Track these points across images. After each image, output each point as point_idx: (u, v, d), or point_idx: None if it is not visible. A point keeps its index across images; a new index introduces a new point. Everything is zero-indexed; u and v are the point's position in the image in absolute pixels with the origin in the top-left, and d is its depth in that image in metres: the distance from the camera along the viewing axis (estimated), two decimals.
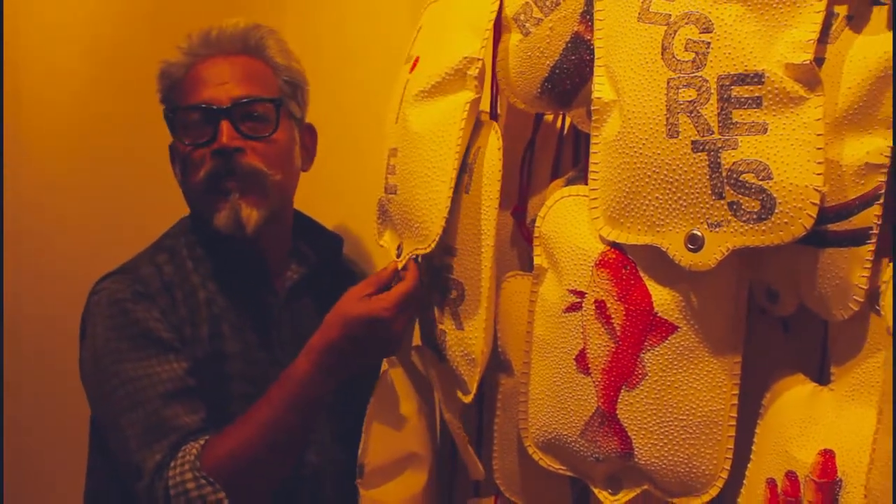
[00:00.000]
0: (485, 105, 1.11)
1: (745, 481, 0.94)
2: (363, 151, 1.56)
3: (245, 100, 1.30)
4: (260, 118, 1.32)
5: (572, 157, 1.13)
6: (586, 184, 1.06)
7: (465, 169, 1.07)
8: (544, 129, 1.16)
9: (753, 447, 0.94)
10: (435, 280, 1.13)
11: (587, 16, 1.00)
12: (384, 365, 1.24)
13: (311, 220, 1.47)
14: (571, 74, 1.02)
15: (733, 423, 0.93)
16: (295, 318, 1.38)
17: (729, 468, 0.94)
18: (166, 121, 1.37)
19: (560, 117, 1.15)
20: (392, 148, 1.15)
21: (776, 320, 0.98)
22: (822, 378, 0.91)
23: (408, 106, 1.11)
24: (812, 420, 0.88)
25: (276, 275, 1.39)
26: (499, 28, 1.08)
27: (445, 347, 1.10)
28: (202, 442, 1.19)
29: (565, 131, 1.14)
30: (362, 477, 1.20)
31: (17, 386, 2.72)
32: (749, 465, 0.94)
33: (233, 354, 1.29)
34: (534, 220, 1.12)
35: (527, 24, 1.04)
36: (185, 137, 1.31)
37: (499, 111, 1.15)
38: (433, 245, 1.06)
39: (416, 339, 1.25)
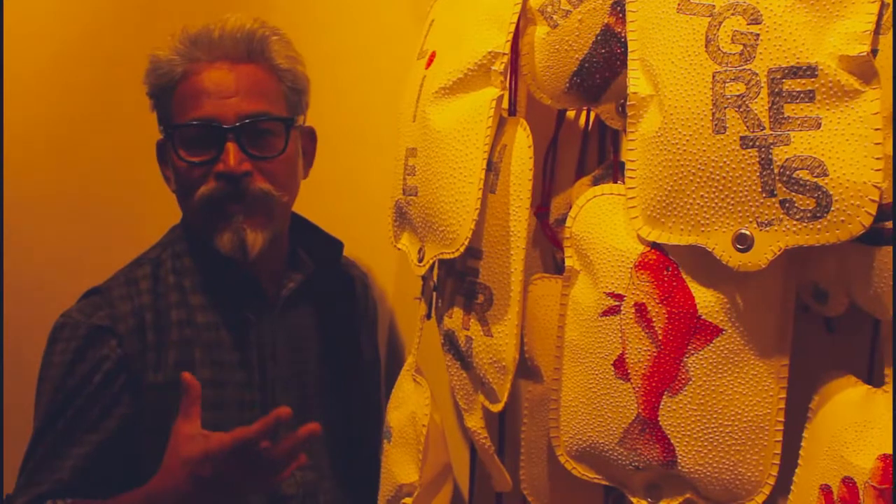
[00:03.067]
0: (505, 101, 1.07)
1: (793, 487, 0.91)
2: (367, 151, 1.51)
3: (254, 118, 1.21)
4: (268, 137, 1.24)
5: (597, 155, 1.09)
6: (614, 181, 1.02)
7: (491, 168, 1.02)
8: (566, 127, 1.12)
9: (801, 452, 0.91)
10: (458, 284, 1.08)
11: (618, 7, 0.96)
12: (416, 378, 1.18)
13: (309, 223, 1.40)
14: (601, 68, 0.98)
15: (780, 428, 0.90)
16: (290, 327, 1.32)
17: (776, 474, 0.91)
18: (160, 123, 1.28)
19: (584, 113, 1.11)
20: (410, 148, 1.09)
21: (820, 320, 0.95)
22: (871, 379, 0.88)
23: (427, 104, 1.06)
24: (867, 424, 0.85)
25: (271, 284, 1.32)
26: (520, 21, 1.04)
27: (472, 354, 1.06)
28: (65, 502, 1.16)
29: (590, 128, 1.10)
30: (415, 499, 1.14)
31: (13, 390, 2.64)
32: (797, 471, 0.91)
33: (202, 381, 1.17)
34: (558, 220, 1.09)
35: (554, 17, 1.00)
36: (183, 151, 1.22)
37: (518, 108, 1.11)
38: (462, 249, 1.01)
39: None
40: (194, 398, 1.09)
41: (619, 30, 0.96)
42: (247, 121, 1.21)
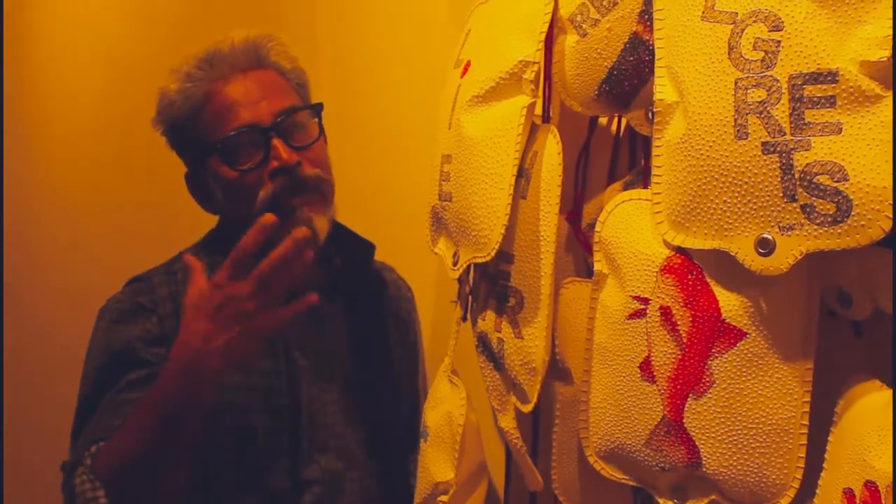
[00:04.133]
0: (538, 108, 1.10)
1: (818, 491, 0.91)
2: (406, 156, 1.55)
3: (288, 112, 1.28)
4: (303, 127, 1.31)
5: (628, 161, 1.11)
6: (645, 187, 1.04)
7: (522, 174, 1.05)
8: (598, 133, 1.14)
9: (827, 456, 0.91)
10: (491, 287, 1.11)
11: (646, 15, 0.98)
12: (452, 379, 1.21)
13: (341, 225, 1.43)
14: (630, 76, 1.00)
15: (805, 431, 0.91)
16: (319, 321, 1.36)
17: (801, 477, 0.92)
18: (188, 151, 1.35)
19: (615, 120, 1.13)
20: (446, 154, 1.13)
21: (846, 324, 0.95)
22: None
23: (461, 111, 1.09)
24: (890, 428, 0.85)
25: (299, 281, 1.34)
26: (552, 30, 1.06)
27: (504, 356, 1.08)
28: (105, 443, 1.21)
29: (621, 134, 1.12)
30: (450, 497, 1.17)
31: (17, 389, 2.73)
32: (822, 475, 0.91)
33: None
34: (590, 225, 1.11)
35: (583, 25, 1.02)
36: (235, 163, 1.27)
37: (551, 115, 1.13)
38: (493, 253, 1.03)
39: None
40: (196, 270, 1.18)
41: (647, 38, 0.98)
42: (282, 117, 1.28)
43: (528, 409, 1.06)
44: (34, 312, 2.88)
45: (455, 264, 1.12)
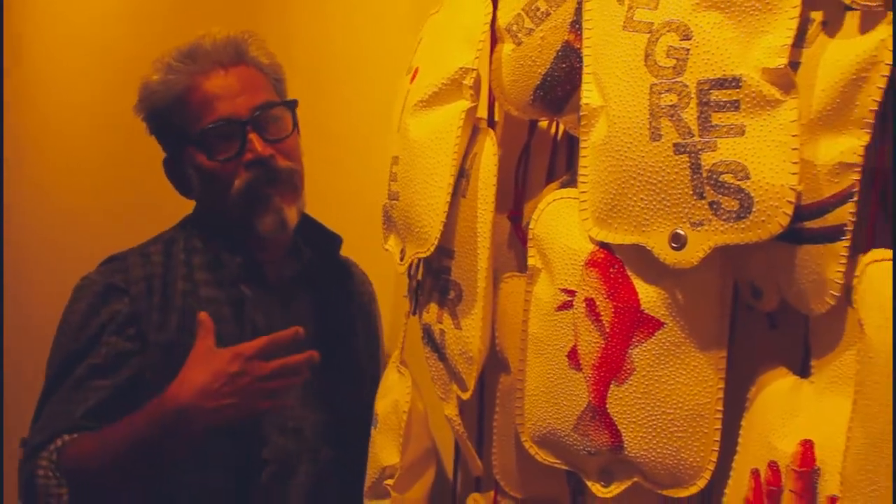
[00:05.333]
0: (483, 113, 1.16)
1: (731, 472, 0.97)
2: (371, 159, 1.61)
3: (264, 107, 1.36)
4: (278, 121, 1.38)
5: (566, 162, 1.17)
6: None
7: (463, 174, 1.11)
8: (540, 135, 1.20)
9: (739, 439, 0.97)
10: (434, 281, 1.17)
11: (577, 25, 1.04)
12: (400, 369, 1.28)
13: (310, 218, 1.51)
14: (562, 82, 1.06)
15: (719, 416, 0.96)
16: (287, 310, 1.43)
17: (716, 460, 0.97)
18: (169, 139, 1.42)
19: (554, 124, 1.19)
20: (394, 156, 1.19)
21: (763, 316, 1.01)
22: (804, 371, 0.94)
23: (408, 115, 1.15)
24: (793, 412, 0.91)
25: (273, 270, 1.44)
26: (493, 39, 1.12)
27: (445, 346, 1.14)
28: (72, 437, 1.27)
29: (559, 137, 1.18)
30: (396, 480, 1.24)
31: (17, 386, 2.77)
32: (735, 457, 0.97)
33: None
34: (529, 223, 1.16)
35: (519, 35, 1.08)
36: (213, 154, 1.35)
37: (496, 118, 1.19)
38: (433, 248, 1.10)
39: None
40: (209, 329, 1.24)
41: (578, 46, 1.04)
42: (258, 111, 1.35)
43: (466, 396, 1.12)
44: (31, 314, 2.93)
45: (402, 259, 1.18)
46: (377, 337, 1.61)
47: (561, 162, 1.17)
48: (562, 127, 1.16)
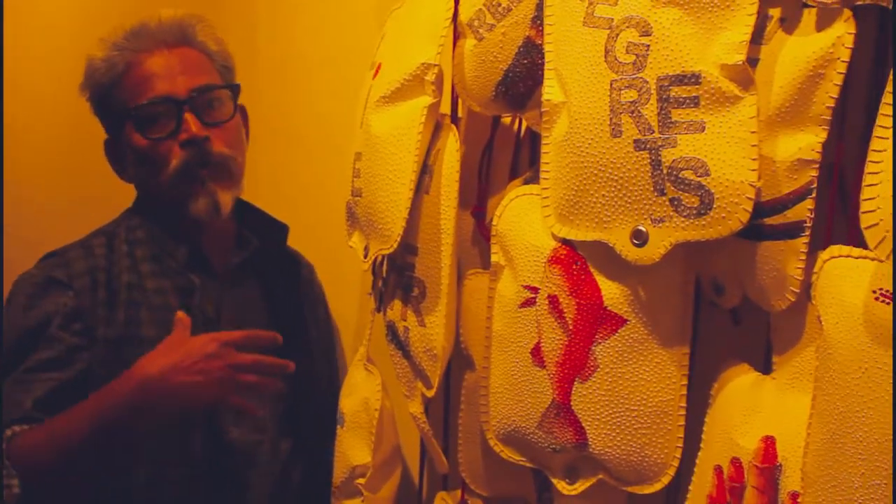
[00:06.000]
0: (446, 108, 1.15)
1: (695, 469, 0.97)
2: (336, 152, 1.60)
3: (204, 89, 1.34)
4: (218, 105, 1.37)
5: (529, 158, 1.16)
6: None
7: (426, 171, 1.10)
8: (503, 132, 1.19)
9: (703, 436, 0.97)
10: (398, 278, 1.16)
11: (538, 21, 1.03)
12: (367, 367, 1.27)
13: (255, 207, 1.50)
14: (524, 78, 1.06)
15: (683, 413, 0.97)
16: (236, 299, 1.41)
17: (679, 457, 0.97)
18: (108, 118, 1.40)
19: (517, 120, 1.18)
20: (357, 152, 1.18)
21: (727, 313, 1.01)
22: (766, 368, 0.94)
23: (370, 111, 1.14)
24: (755, 408, 0.91)
25: (219, 260, 1.42)
26: (456, 34, 1.11)
27: (409, 343, 1.14)
28: (22, 429, 1.23)
29: (522, 133, 1.17)
30: (367, 479, 1.24)
31: None
32: (699, 454, 0.97)
33: (148, 339, 1.29)
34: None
35: (480, 30, 1.07)
36: (147, 132, 1.33)
37: (460, 114, 1.19)
38: (395, 245, 1.09)
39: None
40: (186, 326, 1.22)
41: (540, 42, 1.03)
42: (196, 93, 1.33)
43: (430, 393, 1.11)
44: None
45: (366, 256, 1.17)
46: (328, 323, 1.60)
47: (524, 158, 1.16)
48: (525, 123, 1.16)
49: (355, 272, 1.50)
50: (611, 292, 0.96)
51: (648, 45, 0.90)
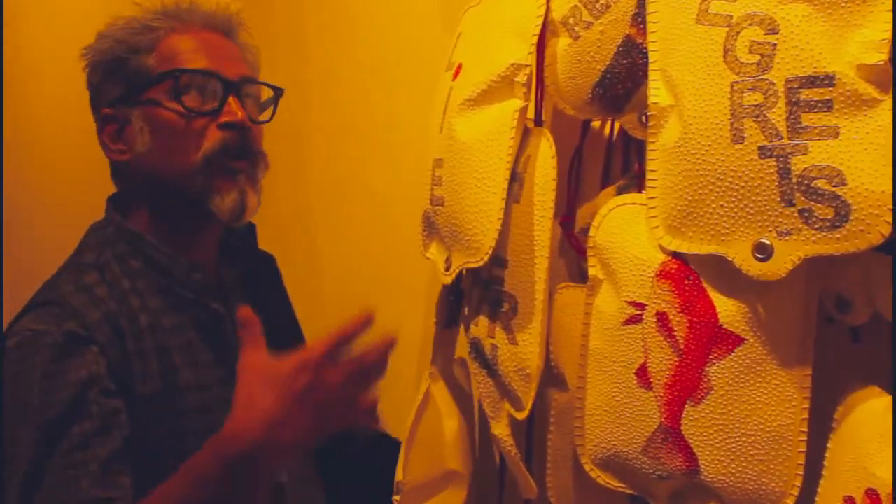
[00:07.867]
0: (531, 112, 1.08)
1: (817, 499, 0.90)
2: (397, 159, 1.53)
3: (252, 80, 1.20)
4: (256, 101, 1.22)
5: (622, 165, 1.10)
6: (639, 191, 1.03)
7: (515, 178, 1.04)
8: (591, 136, 1.13)
9: (826, 463, 0.90)
10: (484, 292, 1.10)
11: (639, 18, 0.97)
12: (426, 380, 1.22)
13: None
14: (623, 79, 0.99)
15: (804, 438, 0.90)
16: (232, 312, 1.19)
17: (800, 485, 0.91)
18: (125, 82, 1.17)
19: (609, 124, 1.12)
20: (437, 158, 1.11)
21: (845, 331, 0.94)
22: (892, 389, 0.88)
23: (453, 115, 1.08)
24: (891, 435, 0.85)
25: (216, 276, 1.25)
26: (544, 33, 1.05)
27: (497, 362, 1.07)
28: None
29: (614, 138, 1.11)
30: (400, 494, 1.18)
31: None
32: (822, 482, 0.90)
33: (187, 387, 1.13)
34: (583, 230, 1.09)
35: (576, 28, 1.01)
36: (184, 100, 1.14)
37: (544, 118, 1.12)
38: (486, 258, 1.02)
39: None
40: (256, 330, 0.98)
41: (641, 41, 0.97)
42: (246, 81, 1.19)
43: (522, 416, 1.05)
44: None
45: (447, 269, 1.11)
46: (296, 321, 1.43)
47: (616, 165, 1.10)
48: (617, 126, 1.09)
49: (422, 282, 1.43)
50: (727, 309, 0.90)
51: (775, 44, 0.83)
